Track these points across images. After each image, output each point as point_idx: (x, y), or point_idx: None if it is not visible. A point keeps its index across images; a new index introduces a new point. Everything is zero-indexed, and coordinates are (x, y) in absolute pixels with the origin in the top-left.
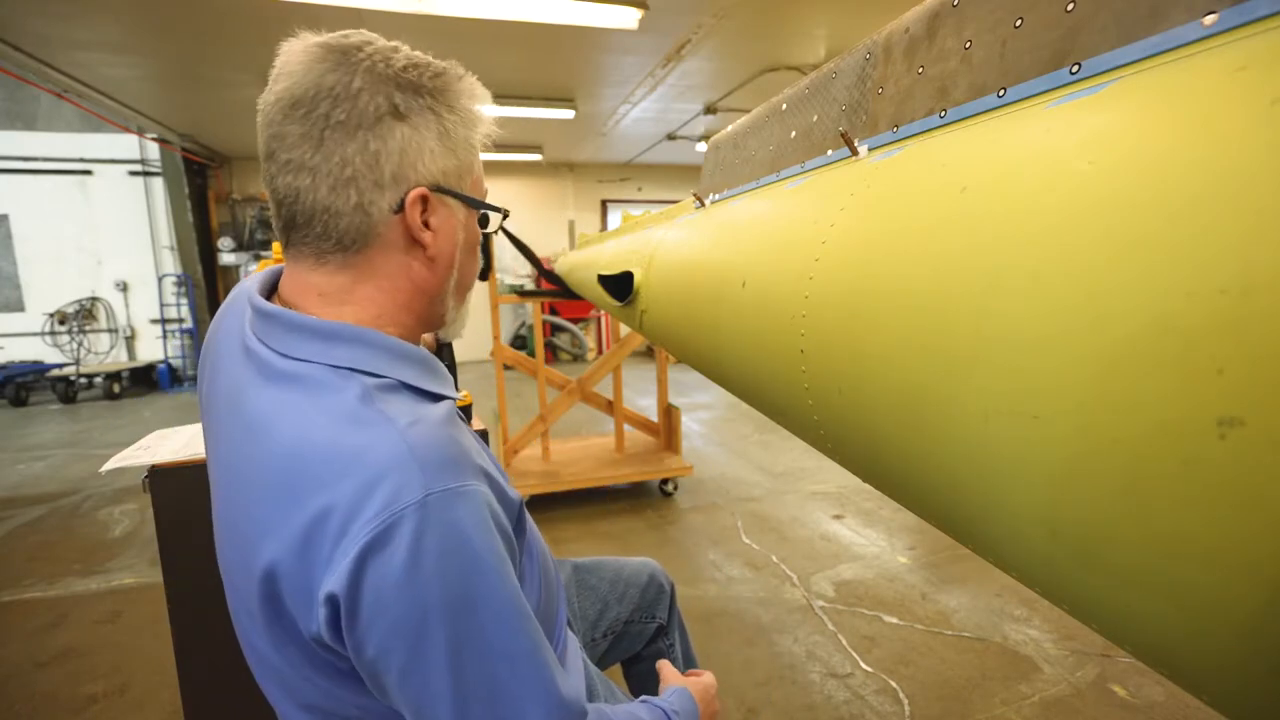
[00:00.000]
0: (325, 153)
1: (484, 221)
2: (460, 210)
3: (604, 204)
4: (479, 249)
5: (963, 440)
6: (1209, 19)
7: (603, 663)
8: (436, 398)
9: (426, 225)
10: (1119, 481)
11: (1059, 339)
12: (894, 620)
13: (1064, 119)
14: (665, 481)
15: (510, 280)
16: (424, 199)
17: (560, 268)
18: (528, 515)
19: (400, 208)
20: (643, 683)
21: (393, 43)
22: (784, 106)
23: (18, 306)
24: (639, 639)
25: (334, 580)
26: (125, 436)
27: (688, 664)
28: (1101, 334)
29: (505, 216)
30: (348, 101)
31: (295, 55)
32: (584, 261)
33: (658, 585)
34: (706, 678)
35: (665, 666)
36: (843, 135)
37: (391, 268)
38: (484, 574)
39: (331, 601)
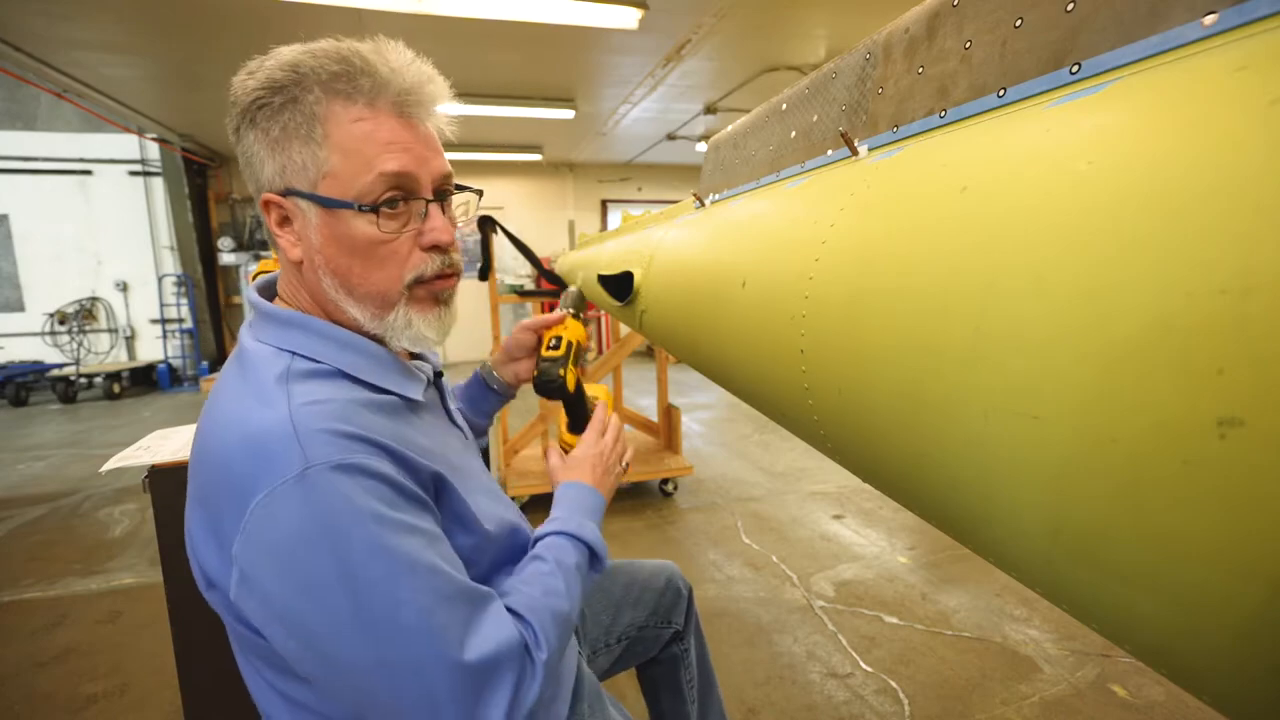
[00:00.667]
0: (241, 149)
1: (401, 216)
2: (312, 210)
3: (604, 204)
4: (389, 249)
5: (963, 440)
6: (1209, 19)
7: (615, 668)
8: (376, 389)
9: (292, 230)
10: (1119, 481)
11: (1059, 339)
12: (894, 620)
13: (1064, 119)
14: (665, 481)
15: (510, 280)
16: (275, 204)
17: (560, 268)
18: (453, 488)
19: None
20: (657, 686)
21: (256, 62)
22: (784, 106)
23: (18, 306)
24: (654, 644)
25: (238, 551)
26: (125, 436)
27: (703, 672)
28: (1101, 334)
29: (431, 202)
30: (228, 122)
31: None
32: (584, 261)
33: (675, 590)
34: (581, 449)
35: (550, 459)
36: (843, 135)
37: (286, 269)
38: (366, 542)
39: (239, 575)
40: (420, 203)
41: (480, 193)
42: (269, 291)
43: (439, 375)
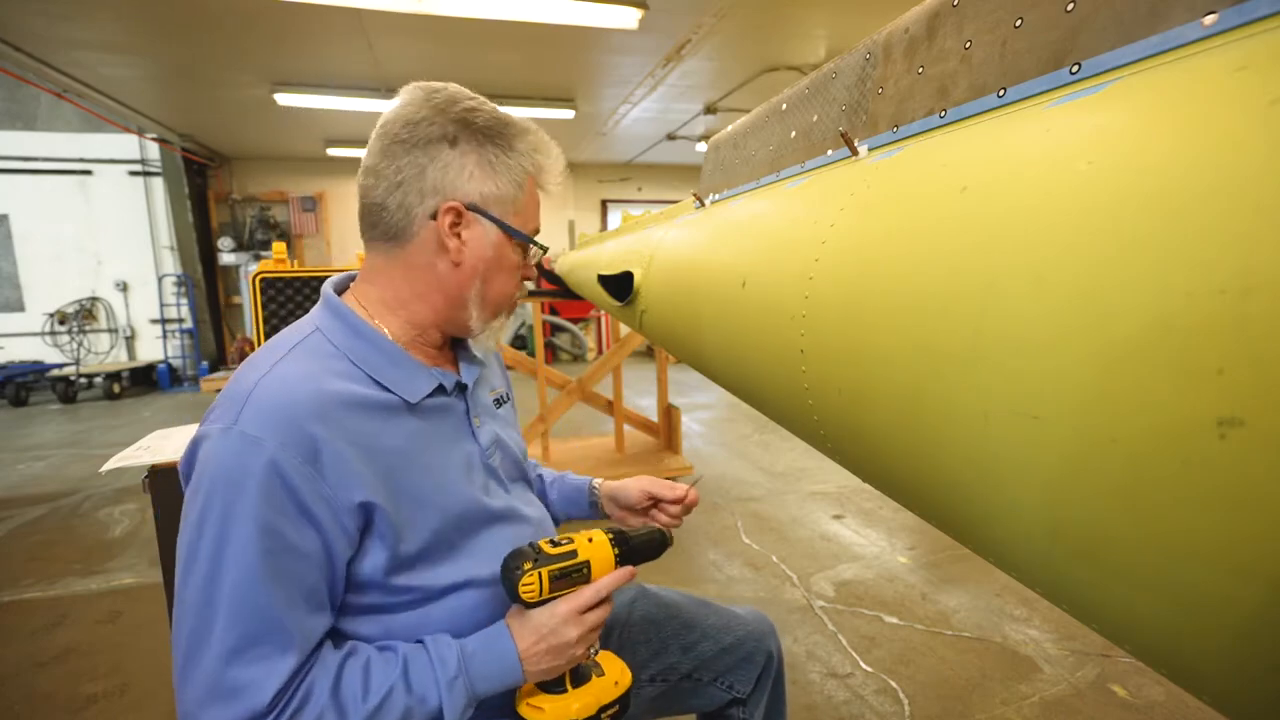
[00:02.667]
0: (386, 161)
1: (527, 253)
2: (494, 231)
3: (604, 204)
4: (516, 274)
5: (963, 440)
6: (1209, 19)
7: (656, 706)
8: (376, 383)
9: (458, 235)
10: (1119, 481)
11: (1059, 339)
12: (894, 620)
13: (1064, 119)
14: None
15: None
16: (456, 212)
17: (560, 268)
18: (384, 512)
19: (434, 215)
20: None
21: (479, 98)
22: (784, 106)
23: (18, 306)
24: (705, 700)
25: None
26: (125, 436)
27: None
28: (1101, 334)
29: (544, 252)
30: (411, 126)
31: (401, 96)
32: (584, 261)
33: (745, 653)
34: (544, 611)
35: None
36: (843, 135)
37: (419, 261)
38: (228, 518)
39: None
40: (534, 249)
41: (546, 249)
42: (342, 286)
43: (463, 387)
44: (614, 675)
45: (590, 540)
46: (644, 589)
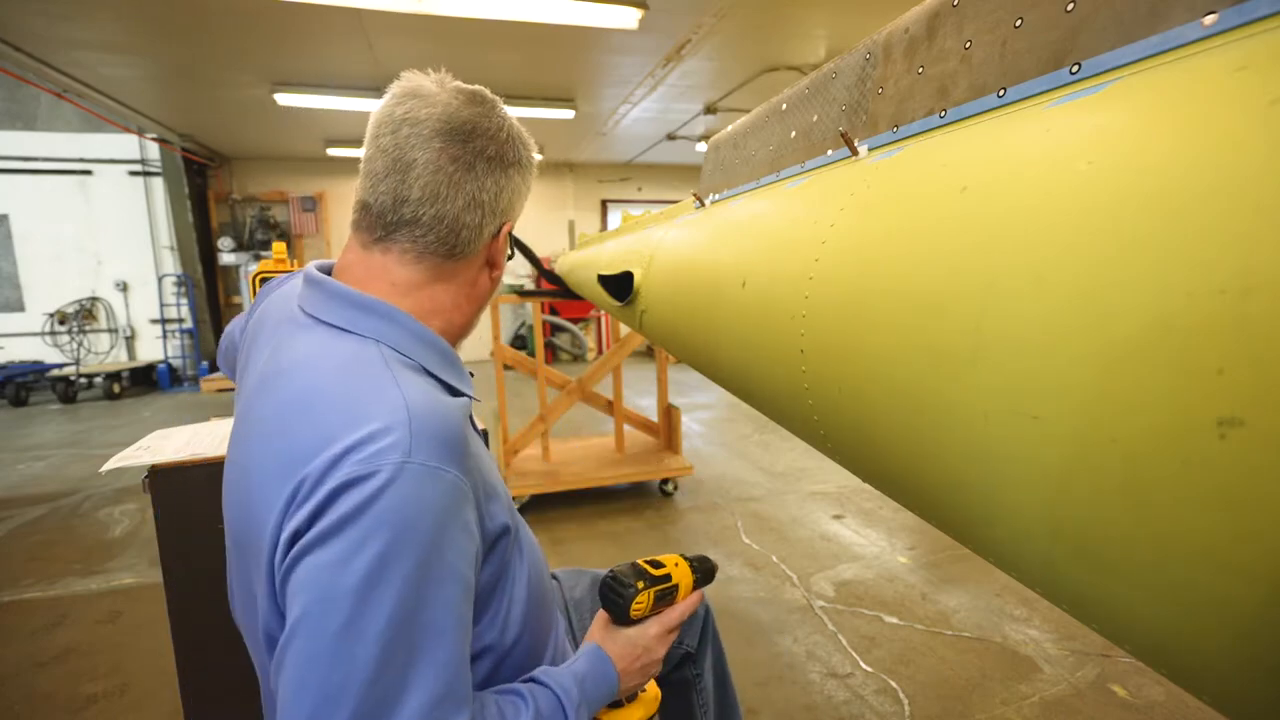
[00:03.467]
0: (472, 176)
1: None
2: (507, 245)
3: (604, 204)
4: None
5: (963, 440)
6: (1209, 19)
7: None
8: (454, 391)
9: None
10: (1119, 481)
11: (1059, 339)
12: (894, 620)
13: (1064, 119)
14: (665, 481)
15: (510, 280)
16: (507, 232)
17: (560, 268)
18: (522, 538)
19: (496, 234)
20: (666, 710)
21: (517, 121)
22: (784, 106)
23: (18, 306)
24: (664, 663)
25: (301, 516)
26: (125, 436)
27: (721, 700)
28: (1101, 334)
29: (510, 257)
30: (497, 144)
31: (433, 89)
32: (584, 261)
33: None
34: (637, 631)
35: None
36: (843, 135)
37: (468, 276)
38: (423, 561)
39: (292, 538)
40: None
41: (510, 255)
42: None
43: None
44: (652, 690)
45: (677, 565)
46: (591, 577)
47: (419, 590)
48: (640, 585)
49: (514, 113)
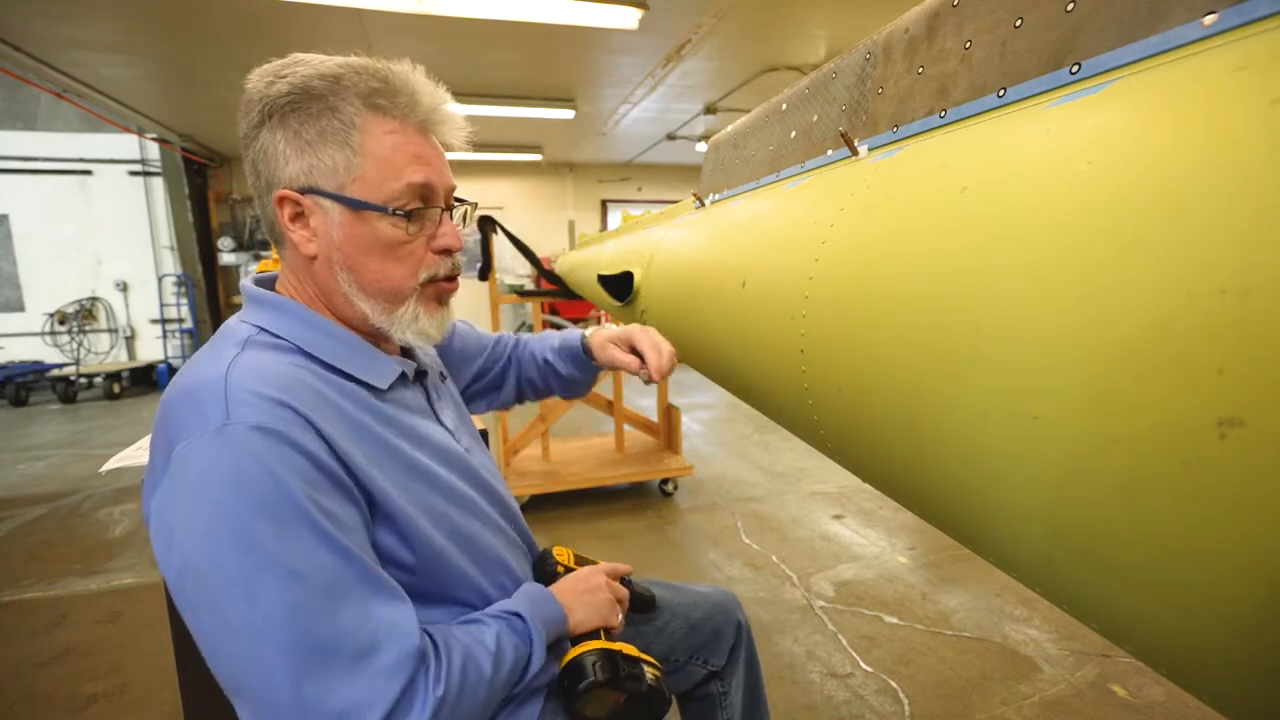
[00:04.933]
0: (249, 155)
1: (415, 220)
2: (336, 210)
3: (604, 204)
4: (405, 250)
5: (963, 440)
6: (1209, 19)
7: None
8: (339, 372)
9: (307, 226)
10: (1119, 481)
11: (1059, 339)
12: (894, 620)
13: (1064, 119)
14: (665, 481)
15: (510, 280)
16: (293, 201)
17: (560, 268)
18: (441, 487)
19: (282, 205)
20: None
21: (309, 56)
22: (784, 106)
23: (18, 306)
24: (684, 679)
25: (156, 497)
26: (125, 436)
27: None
28: (1101, 334)
29: (450, 210)
30: (259, 107)
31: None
32: (584, 261)
33: (713, 628)
34: (588, 572)
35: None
36: (843, 135)
37: (294, 263)
38: (278, 518)
39: (154, 518)
40: (436, 210)
41: (475, 205)
42: (265, 286)
43: (422, 374)
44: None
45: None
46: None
47: (282, 545)
48: (557, 549)
49: (514, 113)
